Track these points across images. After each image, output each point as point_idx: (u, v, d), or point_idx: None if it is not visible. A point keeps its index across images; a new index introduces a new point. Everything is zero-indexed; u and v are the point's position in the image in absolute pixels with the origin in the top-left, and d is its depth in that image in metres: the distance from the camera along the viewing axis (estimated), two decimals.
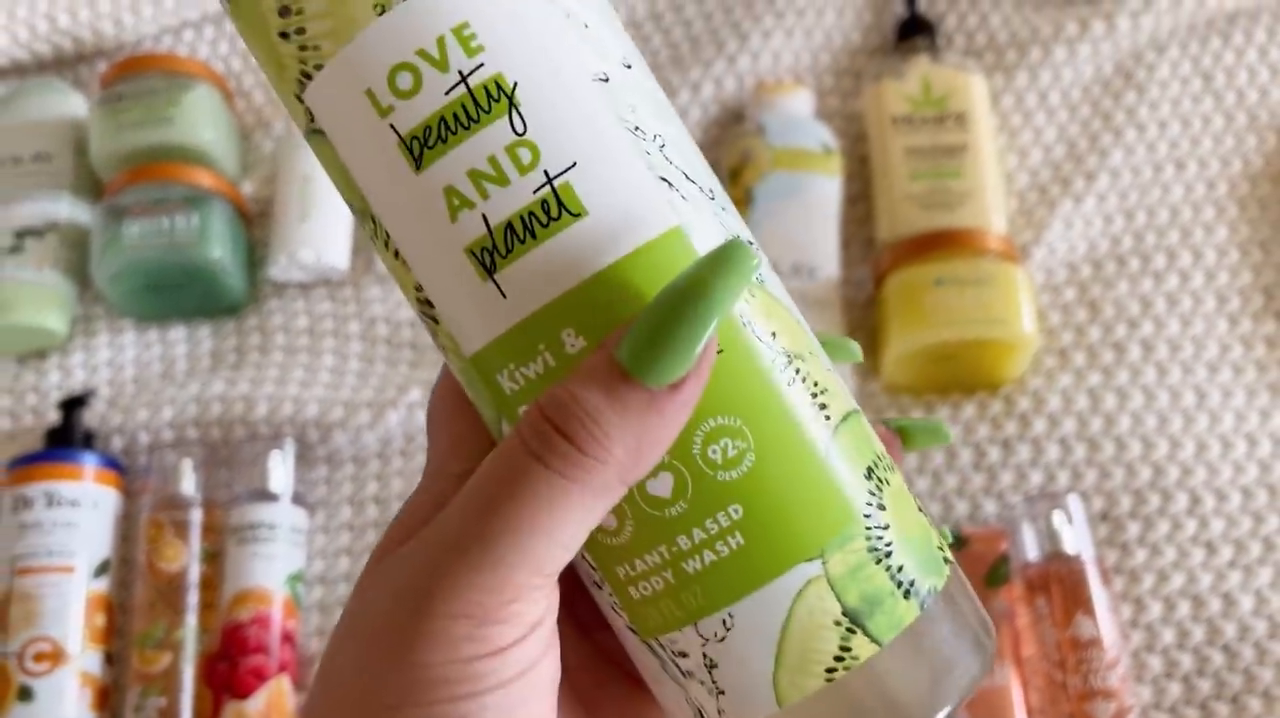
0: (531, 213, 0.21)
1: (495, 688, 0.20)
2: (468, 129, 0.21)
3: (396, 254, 0.23)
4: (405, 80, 0.21)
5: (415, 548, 0.21)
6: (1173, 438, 0.58)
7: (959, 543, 0.56)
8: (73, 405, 0.59)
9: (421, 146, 0.21)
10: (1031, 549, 0.55)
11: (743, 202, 0.62)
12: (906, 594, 0.23)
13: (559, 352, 0.21)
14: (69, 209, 0.65)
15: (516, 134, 0.21)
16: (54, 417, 0.61)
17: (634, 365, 0.20)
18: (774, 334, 0.22)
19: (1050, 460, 0.58)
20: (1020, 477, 0.58)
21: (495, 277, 0.21)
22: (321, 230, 0.64)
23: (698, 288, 0.20)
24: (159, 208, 0.61)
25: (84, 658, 0.54)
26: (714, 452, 0.21)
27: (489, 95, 0.21)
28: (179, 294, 0.63)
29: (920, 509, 0.25)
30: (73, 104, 0.68)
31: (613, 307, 0.21)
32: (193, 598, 0.55)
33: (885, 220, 0.62)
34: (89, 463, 0.57)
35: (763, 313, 0.23)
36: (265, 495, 0.57)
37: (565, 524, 0.20)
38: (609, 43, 0.22)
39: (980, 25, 0.69)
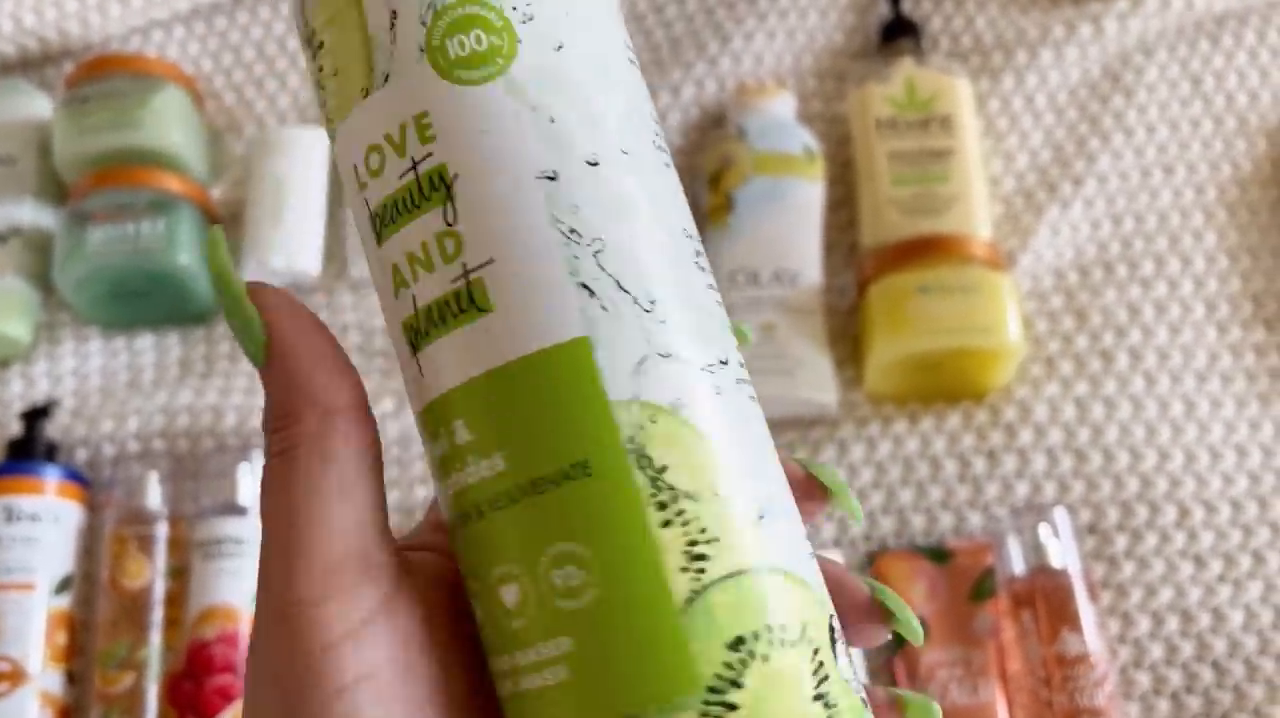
0: (446, 301, 0.22)
1: (339, 691, 0.20)
2: (410, 214, 0.22)
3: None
4: (375, 160, 0.23)
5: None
6: (1161, 449, 0.57)
7: (943, 557, 0.55)
8: (35, 416, 0.57)
9: (380, 224, 0.23)
10: (1017, 563, 0.54)
11: (723, 207, 0.61)
12: None
13: (451, 440, 0.22)
14: (32, 213, 0.63)
15: (447, 224, 0.22)
16: (15, 428, 0.59)
17: (253, 361, 0.23)
18: (665, 468, 0.21)
19: (1036, 472, 0.57)
20: (1006, 488, 0.57)
21: (417, 355, 0.22)
22: (293, 236, 0.62)
23: (218, 290, 0.23)
24: (124, 213, 0.60)
25: (44, 678, 0.52)
26: (557, 576, 0.21)
27: (431, 184, 0.22)
28: (146, 302, 0.61)
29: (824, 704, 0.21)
30: (38, 105, 0.66)
31: (501, 405, 0.21)
32: (157, 616, 0.54)
33: (869, 226, 0.61)
34: (51, 476, 0.56)
35: (662, 441, 0.21)
36: (233, 509, 0.55)
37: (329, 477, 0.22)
38: (576, 137, 0.22)
39: (966, 27, 0.68)
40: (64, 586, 0.55)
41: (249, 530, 0.55)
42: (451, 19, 0.22)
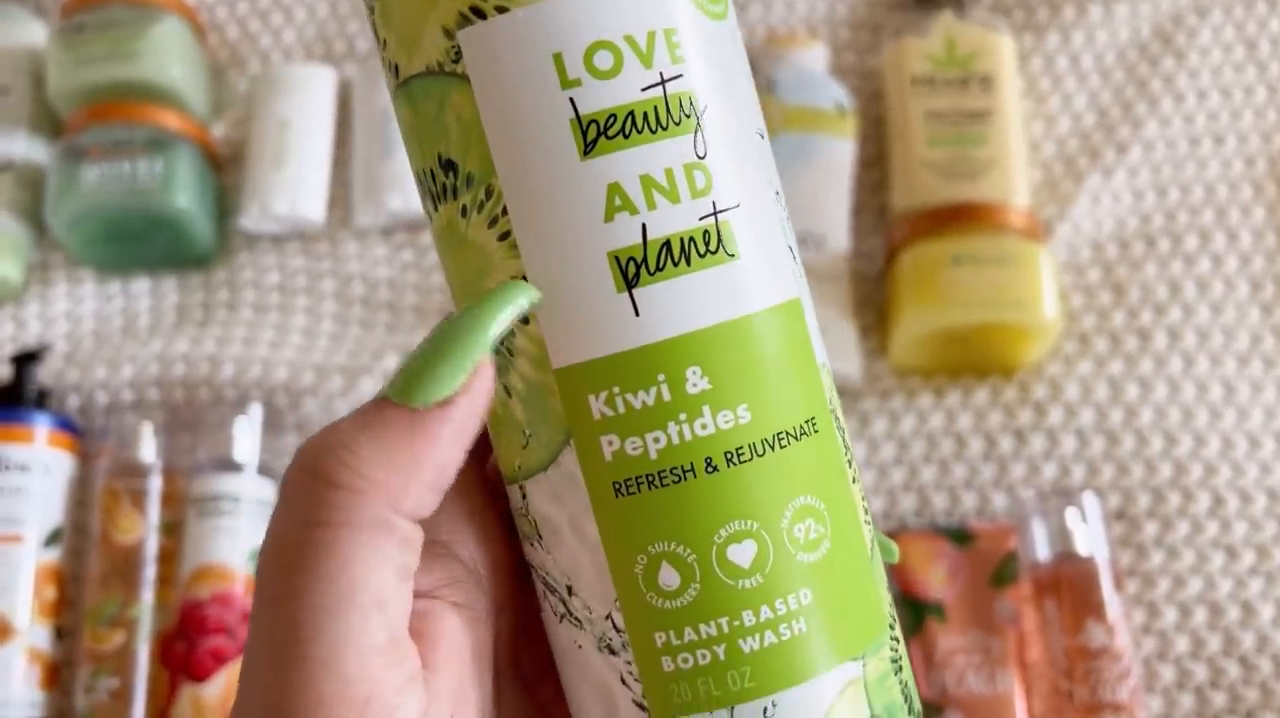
0: (692, 238, 0.20)
1: None
2: (654, 133, 0.20)
3: (505, 235, 0.20)
4: (604, 60, 0.20)
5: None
6: (1197, 434, 0.54)
7: (965, 538, 0.53)
8: (26, 360, 0.55)
9: (599, 133, 0.20)
10: (1042, 548, 0.52)
11: None
12: (910, 711, 0.22)
13: (678, 387, 0.20)
14: (25, 147, 0.60)
15: (698, 156, 0.20)
16: (5, 372, 0.57)
17: (396, 390, 0.19)
18: (844, 429, 0.22)
19: (1065, 453, 0.54)
20: (1033, 469, 0.54)
21: (634, 290, 0.20)
22: (297, 179, 0.59)
23: (465, 313, 0.20)
24: (121, 151, 0.57)
25: (32, 633, 0.51)
26: (799, 530, 0.21)
27: (681, 108, 0.20)
28: (142, 244, 0.59)
29: None
30: (33, 32, 0.63)
31: (746, 355, 0.20)
32: (150, 573, 0.52)
33: (901, 188, 0.58)
34: (41, 425, 0.53)
35: (838, 403, 0.22)
36: (229, 465, 0.53)
37: (362, 583, 0.19)
38: (758, 102, 0.22)
39: None
40: (54, 538, 0.53)
41: (245, 488, 0.53)
42: None
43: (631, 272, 0.20)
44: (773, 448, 0.20)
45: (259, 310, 0.59)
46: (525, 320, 0.20)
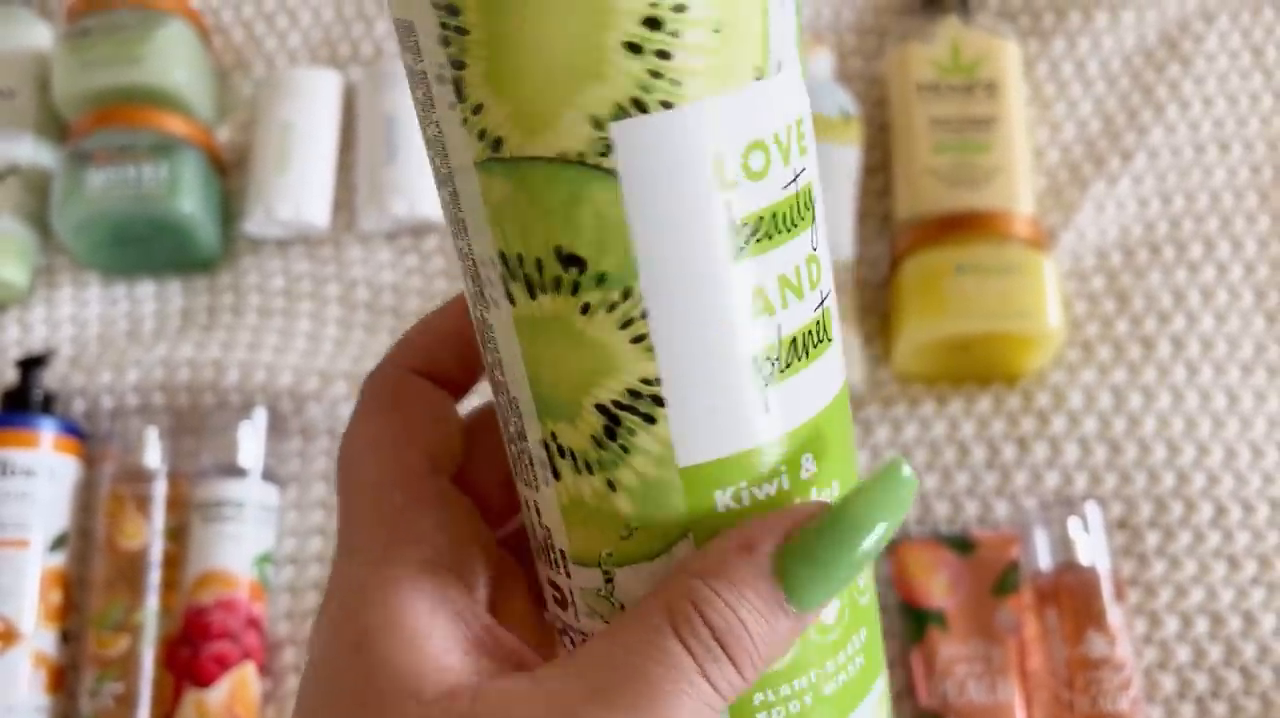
0: (810, 331, 0.20)
1: None
2: (789, 232, 0.20)
3: (639, 339, 0.19)
4: (758, 161, 0.19)
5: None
6: (1200, 443, 0.54)
7: (967, 547, 0.53)
8: (32, 365, 0.55)
9: (750, 237, 0.19)
10: (1044, 557, 0.52)
11: None
12: None
13: (795, 475, 0.21)
14: (31, 151, 0.61)
15: (813, 249, 0.20)
16: (11, 377, 0.57)
17: (792, 591, 0.20)
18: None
19: (1068, 462, 0.54)
20: (1035, 478, 0.54)
21: (768, 389, 0.20)
22: (301, 184, 0.60)
23: (869, 525, 0.20)
24: (126, 155, 0.57)
25: (37, 638, 0.51)
26: (862, 579, 0.23)
27: (806, 203, 0.20)
28: (147, 248, 0.59)
29: None
30: (38, 35, 0.63)
31: (836, 433, 0.22)
32: (154, 578, 0.52)
33: (905, 196, 0.58)
34: (47, 429, 0.54)
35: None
36: (234, 471, 0.53)
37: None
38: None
39: None
40: (59, 543, 0.53)
41: (249, 493, 0.53)
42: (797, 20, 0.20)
43: (768, 371, 0.20)
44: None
45: (263, 315, 0.59)
46: (651, 419, 0.20)
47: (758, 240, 0.19)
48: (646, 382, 0.20)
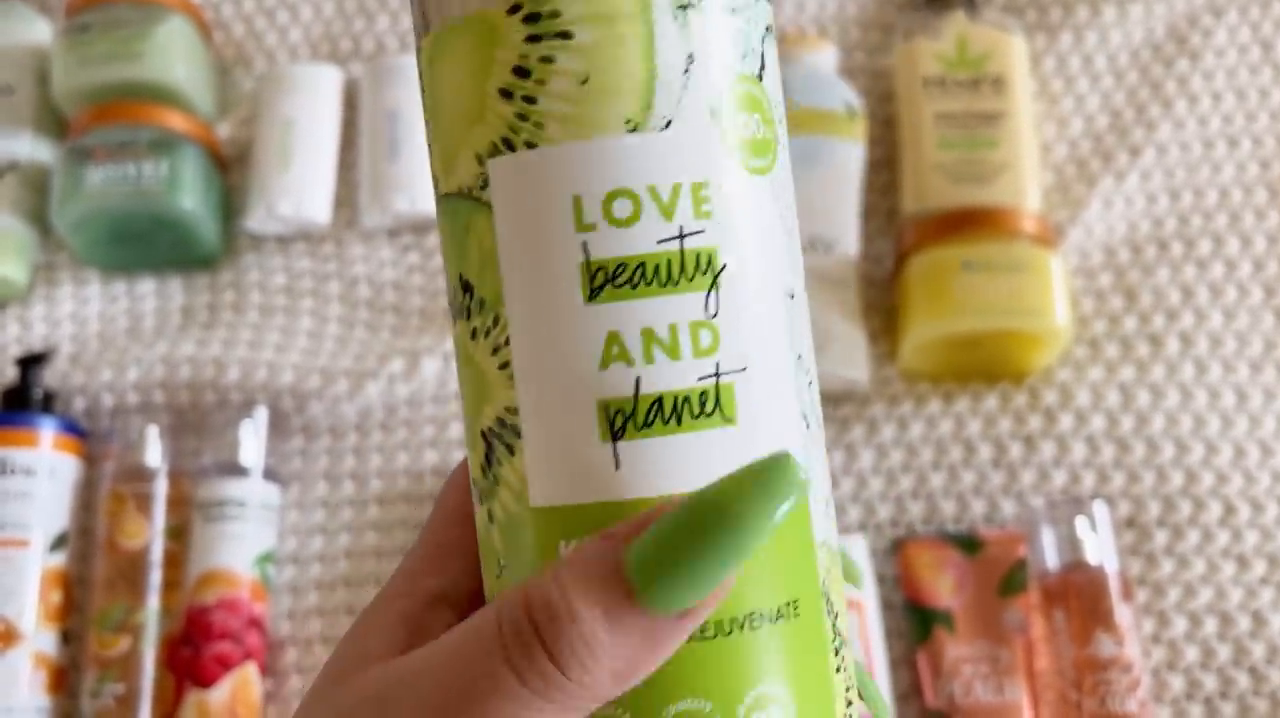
0: (688, 398, 0.19)
1: None
2: (663, 287, 0.19)
3: (505, 365, 0.20)
4: (623, 208, 0.20)
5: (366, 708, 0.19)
6: (1208, 441, 0.54)
7: (974, 546, 0.53)
8: (31, 363, 0.55)
9: (606, 280, 0.20)
10: (1051, 557, 0.51)
11: None
12: None
13: None
14: (30, 147, 0.60)
15: (708, 315, 0.20)
16: (11, 375, 0.57)
17: (644, 586, 0.18)
18: (838, 614, 0.21)
19: (1075, 460, 0.54)
20: (1042, 476, 0.54)
21: (618, 443, 0.20)
22: (302, 181, 0.59)
23: (736, 516, 0.17)
24: (125, 152, 0.57)
25: (38, 638, 0.51)
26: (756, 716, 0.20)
27: (698, 265, 0.20)
28: (147, 245, 0.59)
29: None
30: (38, 31, 0.63)
31: None
32: (155, 578, 0.52)
33: (911, 192, 0.58)
34: (47, 428, 0.53)
35: (836, 586, 0.21)
36: (235, 470, 0.53)
37: None
38: (798, 261, 0.22)
39: None
40: (59, 543, 0.53)
41: (251, 492, 0.53)
42: (741, 93, 0.20)
43: (618, 423, 0.19)
44: (741, 628, 0.20)
45: (264, 313, 0.58)
46: (511, 451, 0.20)
47: (617, 286, 0.19)
48: (510, 410, 0.20)
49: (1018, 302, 0.52)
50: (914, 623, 0.52)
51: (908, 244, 0.56)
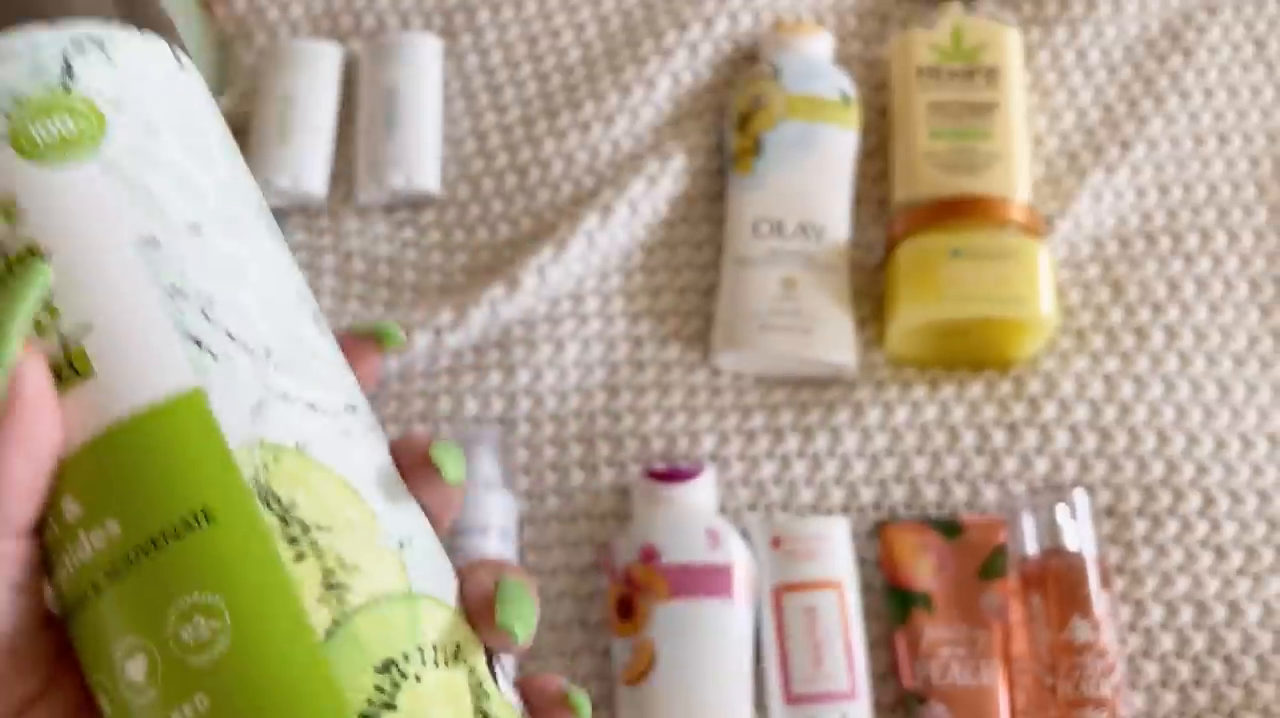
0: (57, 370, 0.21)
1: None
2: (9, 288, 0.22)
3: None
4: None
5: None
6: (1190, 433, 0.54)
7: (954, 530, 0.53)
8: None
9: None
10: (1030, 543, 0.52)
11: (750, 151, 0.58)
12: None
13: (61, 520, 0.21)
14: None
15: (45, 300, 0.22)
16: None
17: None
18: (294, 504, 0.21)
19: (1058, 449, 0.54)
20: (1025, 464, 0.54)
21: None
22: (300, 154, 0.60)
23: None
24: None
25: None
26: (186, 632, 0.20)
27: (21, 261, 0.22)
28: None
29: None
30: None
31: (111, 469, 0.21)
32: None
33: (902, 180, 0.58)
34: None
35: (288, 480, 0.21)
36: None
37: None
38: (175, 206, 0.23)
39: None
40: None
41: None
42: (36, 106, 0.22)
43: None
44: (147, 553, 0.20)
45: None
46: None
47: None
48: None
49: (1004, 289, 0.53)
50: (893, 605, 0.52)
51: (898, 231, 0.56)
